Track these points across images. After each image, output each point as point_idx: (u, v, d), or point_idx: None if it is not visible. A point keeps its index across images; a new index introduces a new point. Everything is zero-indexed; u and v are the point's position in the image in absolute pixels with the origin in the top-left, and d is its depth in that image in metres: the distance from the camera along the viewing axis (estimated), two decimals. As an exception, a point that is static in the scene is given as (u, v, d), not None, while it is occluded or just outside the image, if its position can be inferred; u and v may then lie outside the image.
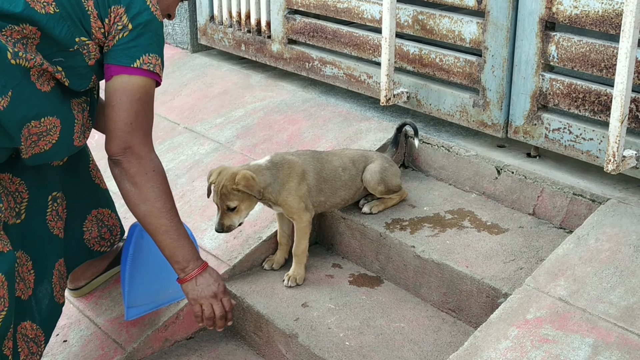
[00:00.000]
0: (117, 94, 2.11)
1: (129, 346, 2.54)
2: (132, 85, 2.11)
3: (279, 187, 2.57)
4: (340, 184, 2.74)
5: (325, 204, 2.74)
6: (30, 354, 2.23)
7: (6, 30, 1.93)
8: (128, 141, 2.12)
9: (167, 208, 2.21)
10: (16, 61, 1.94)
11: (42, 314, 2.31)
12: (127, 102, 2.10)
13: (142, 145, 2.15)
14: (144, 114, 2.15)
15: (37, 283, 2.29)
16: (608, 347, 1.99)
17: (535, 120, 2.81)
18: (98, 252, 2.65)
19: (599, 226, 2.41)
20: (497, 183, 2.87)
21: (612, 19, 2.49)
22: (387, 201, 2.84)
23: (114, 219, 2.68)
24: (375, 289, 2.68)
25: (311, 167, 2.67)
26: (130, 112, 2.11)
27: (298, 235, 2.66)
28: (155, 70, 2.15)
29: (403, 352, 2.35)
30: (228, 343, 2.67)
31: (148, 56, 2.12)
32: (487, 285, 2.40)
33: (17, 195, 2.22)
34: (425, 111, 3.21)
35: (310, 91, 3.78)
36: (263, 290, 2.67)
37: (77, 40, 2.05)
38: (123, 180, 2.17)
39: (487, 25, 2.86)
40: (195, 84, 4.11)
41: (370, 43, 3.36)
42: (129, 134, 2.12)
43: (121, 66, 2.10)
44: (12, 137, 1.98)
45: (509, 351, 2.04)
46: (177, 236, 2.23)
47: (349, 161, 2.79)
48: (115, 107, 2.11)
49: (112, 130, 2.12)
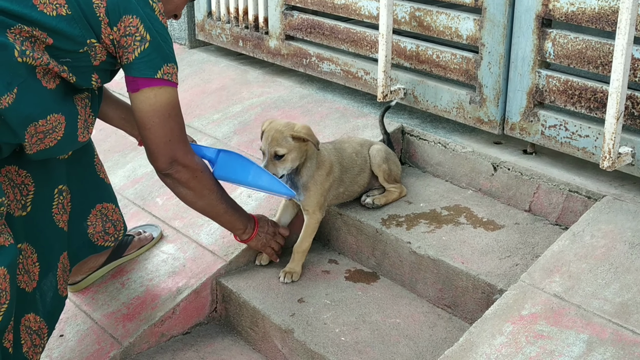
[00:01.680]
0: (148, 117, 2.19)
1: (125, 341, 2.54)
2: (160, 103, 2.19)
3: (314, 171, 2.64)
4: (357, 169, 2.80)
5: (344, 194, 2.79)
6: (33, 346, 2.25)
7: (15, 28, 1.96)
8: (172, 156, 2.27)
9: (219, 195, 2.47)
10: (23, 59, 1.96)
11: (47, 307, 2.33)
12: (160, 123, 2.21)
13: (185, 154, 2.30)
14: (178, 127, 2.27)
15: (42, 276, 2.31)
16: (602, 343, 1.99)
17: (531, 117, 2.81)
18: (102, 247, 2.66)
19: (595, 223, 2.42)
20: (494, 180, 2.87)
21: (608, 16, 2.49)
22: (389, 194, 2.85)
23: (117, 214, 2.70)
24: (371, 285, 2.69)
25: (335, 159, 2.74)
26: (165, 130, 2.23)
27: (305, 232, 2.68)
28: (172, 79, 2.20)
29: (399, 347, 2.35)
30: (224, 338, 2.67)
31: (167, 66, 2.17)
32: (483, 281, 2.40)
33: (23, 187, 2.24)
34: (422, 107, 3.21)
35: (307, 87, 3.78)
36: (259, 285, 2.67)
37: (88, 42, 2.08)
38: (177, 187, 2.37)
39: (484, 22, 2.86)
40: (193, 80, 4.11)
41: (368, 39, 3.37)
42: (171, 150, 2.26)
43: (144, 78, 2.15)
44: (16, 133, 2.00)
45: (504, 347, 2.05)
46: (233, 211, 2.55)
47: (358, 145, 2.86)
48: (151, 130, 2.21)
49: (154, 151, 2.26)
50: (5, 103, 1.93)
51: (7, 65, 1.94)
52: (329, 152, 2.73)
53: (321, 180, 2.65)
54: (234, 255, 2.76)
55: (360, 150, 2.84)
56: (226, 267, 2.74)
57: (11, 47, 1.94)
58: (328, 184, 2.68)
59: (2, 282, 1.97)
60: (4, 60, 1.93)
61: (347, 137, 2.95)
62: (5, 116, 1.95)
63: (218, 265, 2.73)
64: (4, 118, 1.95)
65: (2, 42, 1.93)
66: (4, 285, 1.98)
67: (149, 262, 2.85)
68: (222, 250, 2.79)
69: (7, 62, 1.94)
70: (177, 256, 2.84)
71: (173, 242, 2.92)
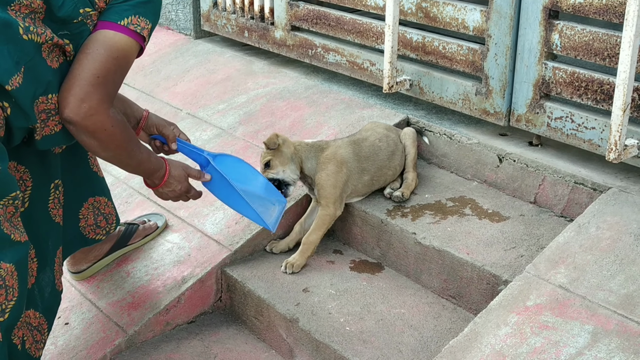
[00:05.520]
0: (96, 45, 2.02)
1: (130, 329, 2.55)
2: (115, 42, 2.04)
3: (317, 166, 2.71)
4: (384, 154, 2.85)
5: (372, 181, 2.82)
6: (34, 342, 2.22)
7: (14, 5, 1.90)
8: (88, 93, 1.98)
9: (129, 149, 2.16)
10: (28, 36, 1.91)
11: (45, 302, 2.29)
12: (103, 56, 2.01)
13: (101, 103, 2.00)
14: (114, 76, 2.04)
15: (40, 271, 2.28)
16: (607, 334, 2.00)
17: (537, 109, 2.81)
18: (93, 240, 2.64)
19: (600, 215, 2.42)
20: (499, 171, 2.87)
21: (615, 8, 2.49)
22: (409, 185, 2.87)
23: (110, 208, 2.67)
24: (376, 275, 2.69)
25: (350, 152, 2.78)
26: (102, 66, 2.00)
27: (317, 223, 2.71)
28: (142, 33, 2.09)
29: (403, 337, 2.36)
30: (229, 327, 2.68)
31: (137, 18, 2.07)
32: (488, 272, 2.41)
33: (22, 183, 2.20)
34: (428, 99, 3.21)
35: (312, 78, 3.78)
36: (264, 275, 2.68)
37: (82, 11, 2.03)
38: (80, 134, 2.05)
39: (491, 13, 2.86)
40: (198, 70, 4.11)
41: (374, 30, 3.36)
42: (92, 86, 1.98)
43: (108, 22, 2.05)
44: (27, 115, 1.94)
45: (509, 337, 2.05)
46: (142, 162, 2.23)
47: (383, 130, 2.92)
48: (88, 55, 2.00)
49: (74, 76, 1.99)
50: (16, 83, 1.88)
51: (14, 43, 1.88)
52: (339, 147, 2.77)
53: (332, 173, 2.69)
54: (239, 245, 2.76)
55: (386, 135, 2.90)
56: (231, 257, 2.75)
57: (15, 24, 1.88)
58: (342, 179, 2.71)
59: (9, 279, 1.93)
60: (10, 38, 1.88)
61: (371, 126, 2.99)
62: (16, 97, 1.89)
63: (223, 254, 2.74)
64: (15, 100, 1.90)
65: (6, 18, 1.87)
66: (11, 282, 1.94)
67: (154, 251, 2.86)
68: (227, 240, 2.79)
69: (13, 39, 1.88)
70: (182, 245, 2.84)
71: (178, 231, 2.93)
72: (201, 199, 3.00)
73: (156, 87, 4.07)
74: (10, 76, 1.87)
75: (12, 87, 1.88)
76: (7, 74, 1.87)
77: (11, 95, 1.89)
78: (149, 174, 2.30)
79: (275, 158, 2.68)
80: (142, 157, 2.24)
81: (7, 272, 1.91)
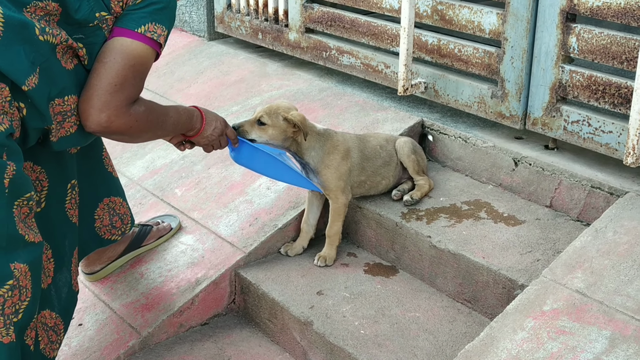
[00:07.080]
0: (112, 53, 2.03)
1: (144, 331, 2.55)
2: (132, 50, 2.05)
3: (322, 155, 2.67)
4: (380, 162, 2.82)
5: (366, 183, 2.80)
6: (49, 343, 2.22)
7: (30, 6, 1.91)
8: (106, 102, 2.00)
9: (159, 125, 2.21)
10: (44, 37, 1.92)
11: (62, 303, 2.30)
12: (120, 64, 2.02)
13: (119, 108, 2.02)
14: (133, 83, 2.05)
15: (56, 271, 2.28)
16: (625, 340, 1.98)
17: (554, 112, 2.79)
18: (108, 241, 2.65)
19: (617, 219, 2.40)
20: (514, 175, 2.86)
21: (634, 11, 2.47)
22: (421, 188, 2.85)
23: (124, 208, 2.68)
24: (391, 279, 2.68)
25: (355, 145, 2.76)
26: (119, 74, 2.02)
27: (332, 216, 2.72)
28: (159, 40, 2.10)
29: (418, 341, 2.34)
30: (242, 329, 2.67)
31: (154, 25, 2.08)
32: (504, 276, 2.39)
33: (38, 183, 2.21)
34: (443, 102, 3.19)
35: (327, 80, 3.77)
36: (278, 277, 2.67)
37: (97, 15, 2.03)
38: (109, 137, 2.12)
39: (507, 16, 2.84)
40: (212, 72, 4.11)
41: (389, 33, 3.35)
42: (109, 95, 2.00)
43: (125, 29, 2.06)
44: (43, 115, 1.95)
45: (525, 342, 2.03)
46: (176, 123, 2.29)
47: (383, 140, 2.89)
48: (105, 65, 2.02)
49: (92, 86, 2.01)
50: (32, 84, 1.89)
51: (30, 43, 1.89)
52: (347, 138, 2.76)
53: (335, 164, 2.68)
54: (252, 247, 2.75)
55: (385, 145, 2.86)
56: (245, 259, 2.74)
57: (32, 25, 1.89)
58: (345, 168, 2.70)
59: (23, 279, 1.93)
60: (27, 38, 1.89)
61: (374, 133, 2.97)
62: (32, 98, 1.90)
63: (237, 256, 2.73)
64: (31, 100, 1.91)
65: (22, 20, 1.88)
66: (24, 283, 1.94)
67: (167, 253, 2.85)
68: (241, 242, 2.79)
69: (29, 40, 1.89)
70: (196, 247, 2.84)
71: (192, 233, 2.92)
72: (215, 200, 3.01)
73: (170, 89, 4.07)
74: (26, 77, 1.88)
75: (28, 87, 1.88)
76: (24, 74, 1.87)
77: (27, 96, 1.90)
78: (188, 128, 2.36)
79: (276, 129, 2.59)
80: (174, 119, 2.28)
81: (20, 272, 1.91)
